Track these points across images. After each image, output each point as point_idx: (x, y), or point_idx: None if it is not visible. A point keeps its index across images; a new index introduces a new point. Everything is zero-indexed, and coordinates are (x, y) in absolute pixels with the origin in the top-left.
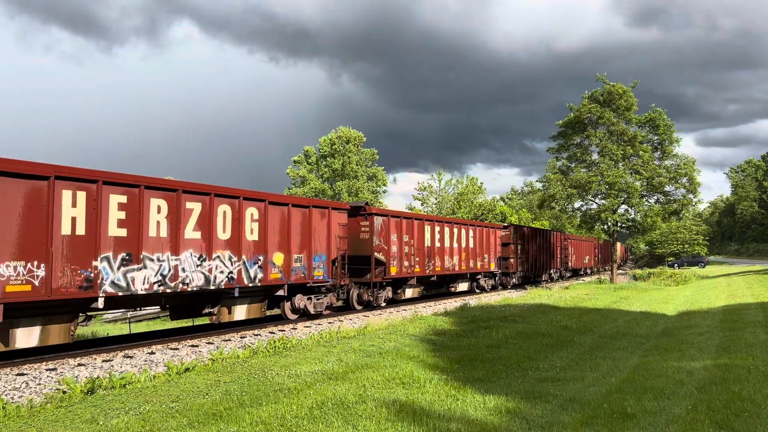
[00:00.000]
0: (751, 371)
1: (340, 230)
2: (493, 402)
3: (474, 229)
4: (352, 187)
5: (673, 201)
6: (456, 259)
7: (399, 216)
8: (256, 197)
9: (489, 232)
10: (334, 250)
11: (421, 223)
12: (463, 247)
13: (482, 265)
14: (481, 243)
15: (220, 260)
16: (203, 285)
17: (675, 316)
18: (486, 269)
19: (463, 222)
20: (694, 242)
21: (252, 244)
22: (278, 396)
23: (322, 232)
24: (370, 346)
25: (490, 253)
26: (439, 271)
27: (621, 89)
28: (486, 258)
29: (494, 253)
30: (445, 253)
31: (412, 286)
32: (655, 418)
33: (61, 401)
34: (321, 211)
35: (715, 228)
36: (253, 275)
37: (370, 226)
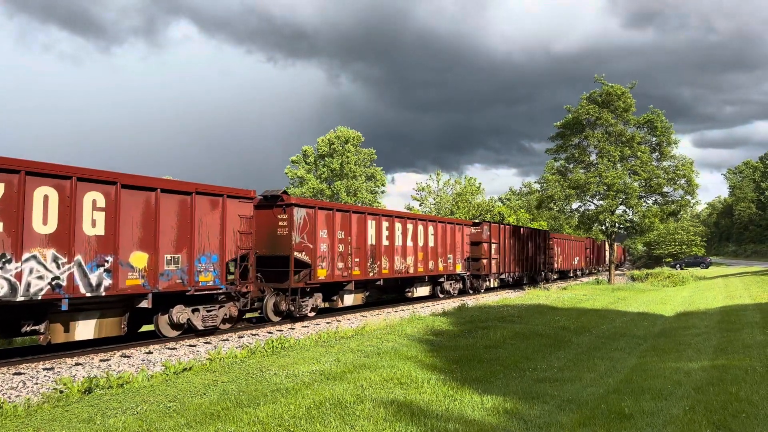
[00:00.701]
0: (749, 372)
1: (243, 224)
2: (491, 402)
3: (435, 226)
4: (350, 187)
5: (671, 202)
6: (411, 260)
7: (330, 208)
8: (102, 178)
9: (454, 230)
10: (232, 248)
11: (362, 217)
12: (420, 245)
13: (446, 267)
14: (444, 241)
15: (36, 261)
16: (5, 295)
17: (673, 317)
18: (450, 271)
19: (421, 217)
20: (691, 243)
21: (94, 240)
22: (276, 396)
23: (214, 226)
24: (368, 346)
25: (455, 253)
26: (387, 273)
27: (619, 90)
28: (450, 259)
29: (461, 253)
30: (396, 253)
31: (350, 292)
32: (652, 419)
33: (59, 401)
34: (211, 200)
35: (713, 229)
36: (95, 282)
37: (288, 220)
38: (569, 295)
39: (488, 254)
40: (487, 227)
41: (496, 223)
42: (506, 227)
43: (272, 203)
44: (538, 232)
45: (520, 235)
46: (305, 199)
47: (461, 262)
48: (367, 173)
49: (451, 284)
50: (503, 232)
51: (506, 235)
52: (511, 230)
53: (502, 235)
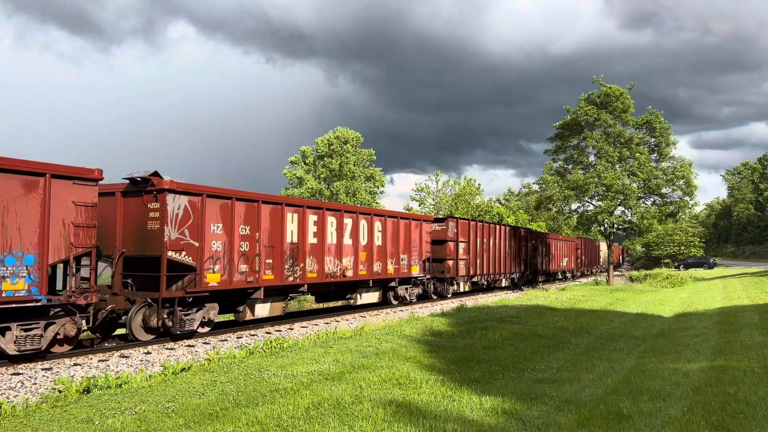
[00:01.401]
0: (747, 373)
1: (80, 215)
2: (490, 403)
3: (383, 221)
4: (349, 188)
5: (669, 203)
6: (349, 261)
7: (228, 197)
8: None
9: (409, 226)
10: (61, 246)
11: (278, 209)
12: (362, 244)
13: (398, 269)
14: (396, 240)
15: None
16: None
17: (671, 318)
18: (405, 274)
19: (363, 210)
20: (690, 244)
21: None
22: (274, 396)
23: (29, 217)
24: (366, 347)
25: (411, 253)
26: (315, 278)
27: (618, 91)
28: (405, 260)
29: (420, 254)
30: (328, 253)
31: (261, 301)
32: (651, 420)
33: (57, 401)
34: (25, 181)
35: (712, 230)
36: None
37: (160, 210)
38: (568, 295)
39: (455, 254)
40: (453, 224)
41: (465, 220)
42: (479, 224)
43: (141, 189)
44: (519, 231)
45: (498, 234)
46: (188, 184)
47: (419, 264)
48: (366, 174)
49: (408, 289)
50: (475, 229)
51: (479, 233)
52: (486, 228)
53: (474, 233)
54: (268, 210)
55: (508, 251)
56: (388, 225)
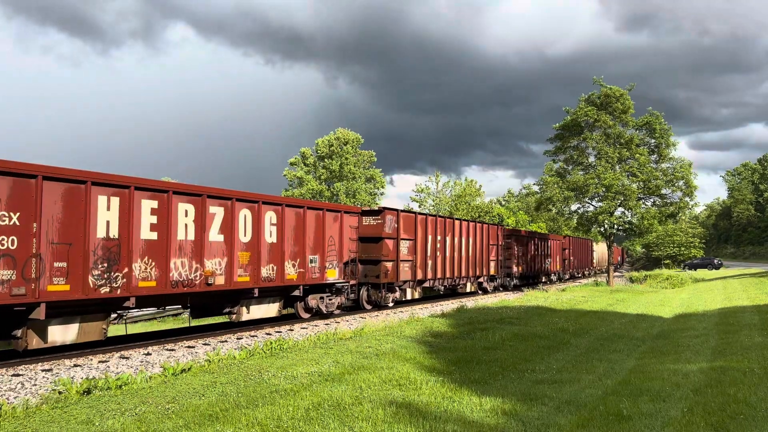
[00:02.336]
0: (747, 374)
1: None
2: (490, 404)
3: (279, 212)
4: (350, 189)
5: (669, 204)
6: (219, 264)
7: None
8: None
9: (322, 219)
10: None
11: (79, 189)
12: (244, 242)
13: (303, 274)
14: (301, 236)
15: None
16: None
17: (671, 319)
18: (315, 280)
19: (246, 197)
20: (690, 245)
21: None
22: (274, 397)
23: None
24: (366, 348)
25: (325, 252)
26: (153, 287)
27: (618, 92)
28: (315, 261)
29: (339, 254)
30: (179, 254)
31: (54, 322)
32: (650, 421)
33: (57, 402)
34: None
35: (712, 231)
36: None
37: None
38: (568, 296)
39: (395, 255)
40: (392, 218)
41: (410, 213)
42: (430, 219)
43: None
44: (489, 228)
45: (459, 231)
46: None
47: (337, 267)
48: (367, 175)
49: (325, 299)
50: (425, 225)
51: (432, 230)
52: (442, 223)
53: (424, 230)
54: (60, 191)
55: (474, 251)
56: (286, 217)
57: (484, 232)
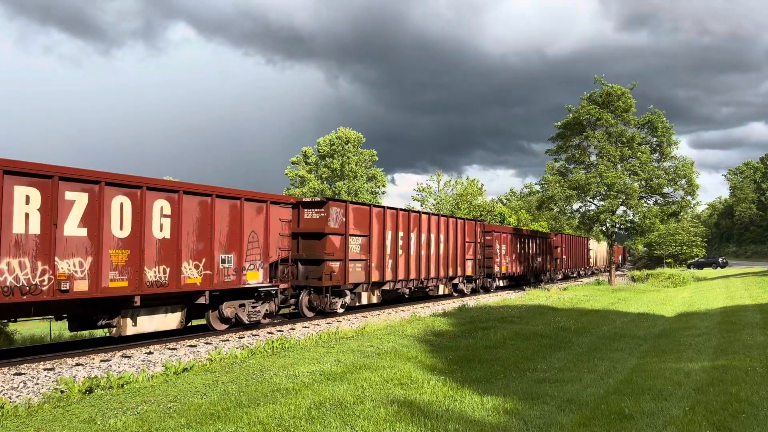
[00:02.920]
0: (749, 373)
1: None
2: (491, 403)
3: (174, 201)
4: (351, 188)
5: (671, 203)
6: (76, 265)
7: None
8: None
9: (240, 211)
10: None
11: None
12: (120, 237)
13: (210, 277)
14: (208, 230)
15: None
16: None
17: (673, 318)
18: (230, 284)
19: (123, 181)
20: (692, 244)
21: None
22: (276, 396)
23: None
24: (368, 347)
25: (243, 251)
26: None
27: (619, 91)
28: (229, 261)
29: (264, 253)
30: (14, 253)
31: None
32: (652, 420)
33: (59, 401)
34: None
35: (714, 230)
36: None
37: None
38: (570, 295)
39: (342, 253)
40: (339, 210)
41: (363, 205)
42: (389, 212)
43: None
44: (464, 223)
45: (429, 227)
46: None
47: (263, 268)
48: (368, 174)
49: (247, 306)
50: (384, 219)
51: (391, 225)
52: (405, 218)
53: (382, 225)
54: None
55: (447, 249)
56: (186, 207)
57: (459, 229)
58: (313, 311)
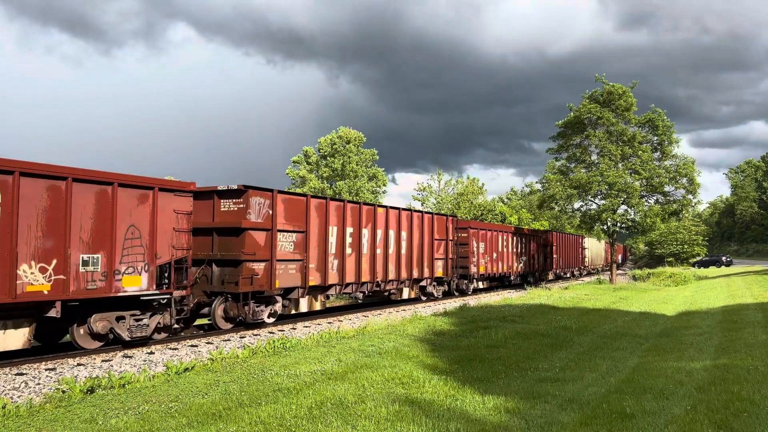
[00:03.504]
0: (750, 371)
1: None
2: (493, 402)
3: (4, 183)
4: (352, 187)
5: (672, 201)
6: None
7: None
8: None
9: (113, 198)
10: None
11: None
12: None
13: (64, 284)
14: (63, 223)
15: None
16: None
17: (674, 317)
18: (99, 291)
19: None
20: (693, 242)
21: None
22: (277, 396)
23: None
24: (369, 346)
25: (115, 249)
26: None
27: (620, 89)
28: (94, 263)
29: (150, 253)
30: None
31: None
32: (654, 419)
33: (61, 401)
34: None
35: (715, 228)
36: None
37: None
38: (571, 294)
39: (268, 252)
40: (263, 201)
41: (299, 196)
42: (333, 204)
43: None
44: (433, 218)
45: (382, 221)
46: None
47: (147, 272)
48: (369, 173)
49: (129, 319)
50: (327, 213)
51: (337, 220)
52: (356, 211)
53: (324, 219)
54: None
55: (412, 248)
56: (25, 194)
57: (426, 225)
58: (231, 322)
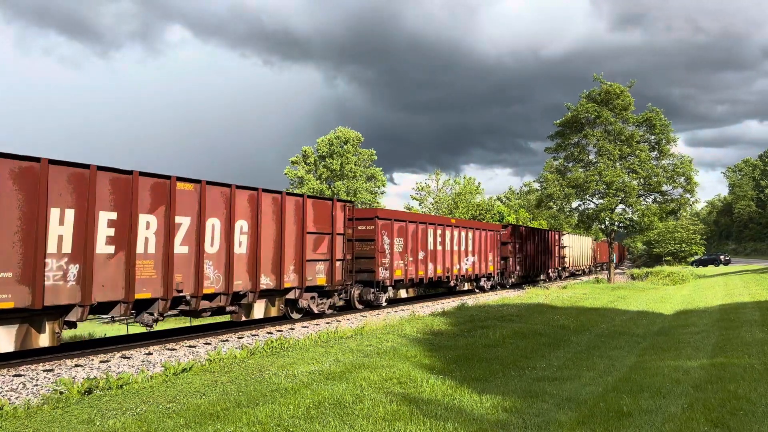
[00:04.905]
0: (747, 370)
1: None
2: (490, 401)
3: None
4: (350, 188)
5: (670, 200)
6: None
7: None
8: None
9: None
10: None
11: None
12: None
13: None
14: None
15: None
16: None
17: (672, 316)
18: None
19: None
20: (691, 241)
21: None
22: (275, 396)
23: None
24: (367, 346)
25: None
26: None
27: (618, 89)
28: None
29: None
30: None
31: None
32: (651, 417)
33: (58, 402)
34: None
35: (713, 227)
36: None
37: None
38: (569, 294)
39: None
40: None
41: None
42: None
43: None
44: (302, 203)
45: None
46: None
47: None
48: (368, 174)
49: None
50: (170, 197)
51: (208, 208)
52: (229, 195)
53: (167, 207)
54: None
55: (258, 245)
56: None
57: (287, 211)
58: None
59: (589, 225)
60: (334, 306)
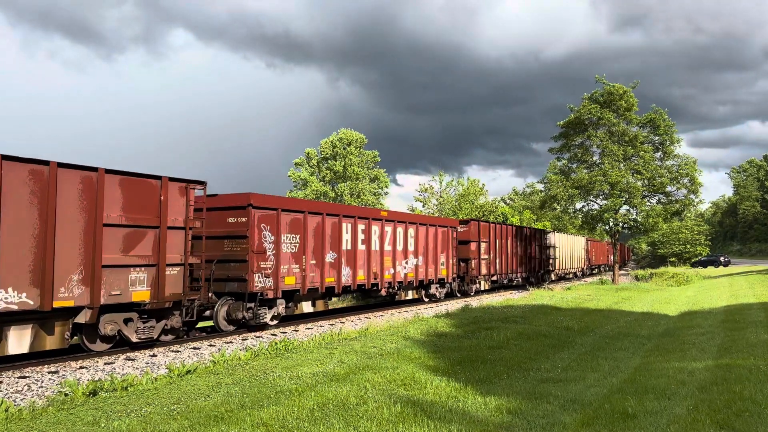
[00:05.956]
0: (753, 371)
1: None
2: (495, 403)
3: None
4: (354, 189)
5: (674, 201)
6: None
7: None
8: None
9: None
10: None
11: None
12: None
13: None
14: None
15: None
16: None
17: (677, 317)
18: None
19: None
20: (696, 242)
21: None
22: (279, 398)
23: None
24: (371, 348)
25: None
26: None
27: (621, 90)
28: None
29: None
30: None
31: None
32: (656, 419)
33: (63, 404)
34: None
35: (717, 228)
36: None
37: None
38: (573, 295)
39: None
40: None
41: None
42: None
43: None
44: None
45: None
46: None
47: None
48: (371, 175)
49: None
50: None
51: None
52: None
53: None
54: None
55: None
56: None
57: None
58: None
59: (594, 226)
60: (175, 330)
